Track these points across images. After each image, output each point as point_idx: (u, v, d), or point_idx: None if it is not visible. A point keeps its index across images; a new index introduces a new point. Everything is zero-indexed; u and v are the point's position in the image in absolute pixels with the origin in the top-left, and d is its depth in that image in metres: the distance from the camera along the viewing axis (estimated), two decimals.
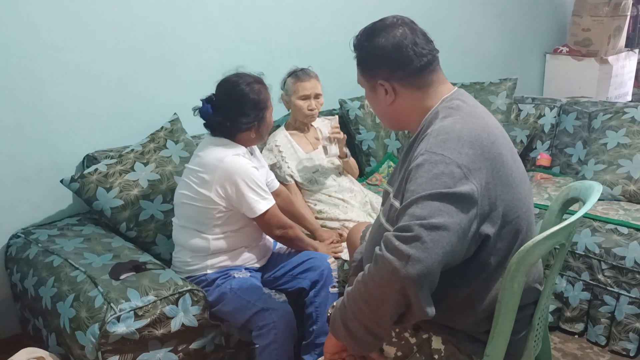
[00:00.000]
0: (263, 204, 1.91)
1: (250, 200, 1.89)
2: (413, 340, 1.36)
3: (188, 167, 1.98)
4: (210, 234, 1.95)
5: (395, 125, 1.48)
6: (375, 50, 1.34)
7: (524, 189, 1.32)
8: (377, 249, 1.15)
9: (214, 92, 1.97)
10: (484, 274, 1.27)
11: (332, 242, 2.27)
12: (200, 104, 1.96)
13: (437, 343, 1.34)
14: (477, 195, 1.17)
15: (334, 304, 1.31)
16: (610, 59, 4.47)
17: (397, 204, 1.31)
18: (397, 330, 1.37)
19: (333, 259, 2.08)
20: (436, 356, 1.34)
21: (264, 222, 1.95)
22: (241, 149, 1.95)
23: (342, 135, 2.51)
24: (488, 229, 1.22)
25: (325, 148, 2.51)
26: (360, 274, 1.20)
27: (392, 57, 1.32)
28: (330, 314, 1.31)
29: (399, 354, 1.36)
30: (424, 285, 1.10)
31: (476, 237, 1.21)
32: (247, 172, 1.89)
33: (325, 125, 2.70)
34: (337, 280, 2.02)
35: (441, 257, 1.09)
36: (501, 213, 1.24)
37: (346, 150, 2.62)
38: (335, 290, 2.01)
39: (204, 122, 1.97)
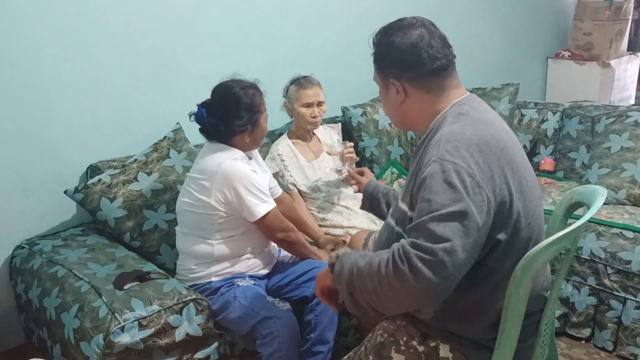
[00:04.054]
0: (263, 206, 1.91)
1: (249, 204, 1.89)
2: (421, 349, 1.35)
3: (189, 176, 1.98)
4: (214, 239, 1.95)
5: (403, 124, 1.49)
6: (390, 48, 1.34)
7: (534, 196, 1.33)
8: (398, 260, 1.14)
9: (209, 98, 1.99)
10: (493, 280, 1.27)
11: (334, 249, 2.27)
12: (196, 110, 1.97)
13: (444, 351, 1.34)
14: (491, 204, 1.18)
15: (338, 256, 1.31)
16: (613, 62, 4.47)
17: (404, 207, 1.31)
18: (405, 339, 1.37)
19: None
20: None
21: (265, 226, 1.95)
22: (238, 153, 1.95)
23: (355, 157, 2.47)
24: (501, 235, 1.23)
25: (339, 172, 2.48)
26: (377, 263, 1.19)
27: (404, 57, 1.33)
28: (335, 265, 1.30)
29: None
30: (440, 300, 1.15)
31: (488, 242, 1.22)
32: (245, 176, 1.89)
33: (327, 134, 2.70)
34: None
35: (460, 277, 1.14)
36: (514, 220, 1.24)
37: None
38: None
39: (199, 127, 1.98)
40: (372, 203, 1.87)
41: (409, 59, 1.32)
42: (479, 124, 1.29)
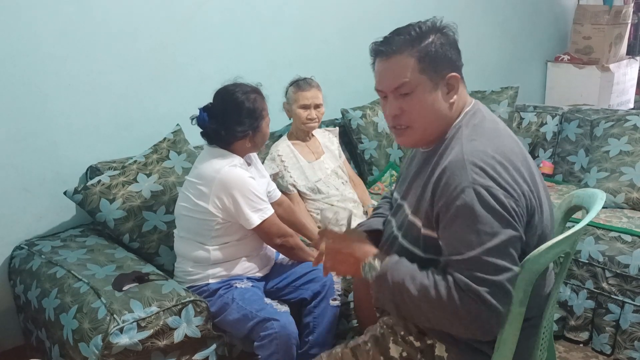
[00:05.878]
0: (260, 214, 1.91)
1: (247, 211, 1.88)
2: (417, 344, 1.37)
3: (187, 179, 1.98)
4: (211, 245, 1.94)
5: (424, 132, 1.36)
6: (446, 43, 1.31)
7: (549, 206, 1.35)
8: (465, 297, 1.16)
9: (211, 101, 1.98)
10: None
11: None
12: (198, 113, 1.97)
13: (440, 350, 1.35)
14: (523, 217, 1.22)
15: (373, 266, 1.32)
16: (612, 66, 4.48)
17: (416, 222, 1.32)
18: (402, 333, 1.39)
19: None
20: None
21: (263, 232, 1.95)
22: (237, 159, 1.95)
23: None
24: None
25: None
26: (421, 283, 1.21)
27: (456, 50, 1.34)
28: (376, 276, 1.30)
29: (404, 354, 1.38)
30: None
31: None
32: (243, 183, 1.89)
33: (326, 137, 2.71)
34: (338, 293, 2.02)
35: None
36: (537, 227, 1.28)
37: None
38: (336, 302, 2.01)
39: (201, 131, 1.98)
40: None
41: (457, 51, 1.34)
42: (496, 138, 1.29)
